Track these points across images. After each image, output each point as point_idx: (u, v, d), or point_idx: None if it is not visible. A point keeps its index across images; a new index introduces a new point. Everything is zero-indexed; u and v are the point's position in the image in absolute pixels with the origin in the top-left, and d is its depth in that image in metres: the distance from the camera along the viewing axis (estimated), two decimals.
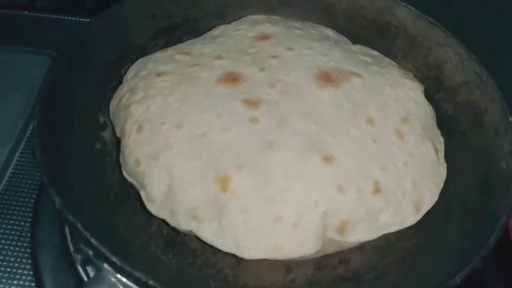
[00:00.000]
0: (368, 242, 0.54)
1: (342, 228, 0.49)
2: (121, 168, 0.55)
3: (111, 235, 0.51)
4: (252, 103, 0.53)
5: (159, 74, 0.58)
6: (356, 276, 0.53)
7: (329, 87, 0.55)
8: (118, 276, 0.44)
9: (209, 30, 0.69)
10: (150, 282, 0.43)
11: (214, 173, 0.49)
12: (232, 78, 0.55)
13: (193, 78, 0.56)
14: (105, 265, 0.45)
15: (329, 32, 0.66)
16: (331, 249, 0.52)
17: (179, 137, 0.52)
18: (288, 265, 0.53)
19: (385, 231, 0.50)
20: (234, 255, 0.53)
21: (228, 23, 0.69)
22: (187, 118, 0.53)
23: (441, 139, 0.56)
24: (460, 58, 0.64)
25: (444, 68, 0.65)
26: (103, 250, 0.44)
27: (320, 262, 0.54)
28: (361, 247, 0.55)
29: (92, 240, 0.45)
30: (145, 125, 0.54)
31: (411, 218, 0.50)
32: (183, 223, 0.50)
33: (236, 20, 0.69)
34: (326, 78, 0.55)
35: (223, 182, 0.49)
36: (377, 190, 0.50)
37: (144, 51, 0.66)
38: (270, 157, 0.50)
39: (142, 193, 0.52)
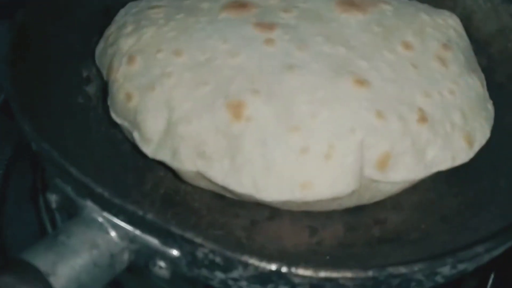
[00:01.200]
0: (407, 200, 0.47)
1: (383, 163, 0.40)
2: (109, 111, 0.46)
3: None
4: (265, 26, 0.44)
5: (152, 7, 0.49)
6: (395, 237, 0.44)
7: (355, 11, 0.47)
8: (105, 214, 0.34)
9: None
10: (148, 216, 0.32)
11: (224, 100, 0.40)
12: (239, 4, 0.47)
13: (193, 9, 0.48)
14: (88, 202, 0.35)
15: None
16: (367, 196, 0.42)
17: (179, 65, 0.43)
18: (313, 226, 0.45)
19: (435, 169, 0.41)
20: (245, 217, 0.45)
21: None
22: (187, 45, 0.44)
23: (483, 76, 0.48)
24: (493, 4, 0.58)
25: (473, 19, 0.59)
26: (86, 180, 0.34)
27: (350, 223, 0.45)
28: (398, 206, 0.47)
29: (72, 170, 0.35)
30: (136, 56, 0.45)
31: (463, 154, 0.42)
32: (187, 163, 0.40)
33: None
34: (351, 3, 0.47)
35: (236, 109, 0.40)
36: (422, 119, 0.41)
37: None
38: (291, 80, 0.41)
39: (135, 134, 0.43)
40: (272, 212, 0.45)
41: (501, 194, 0.46)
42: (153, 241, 0.33)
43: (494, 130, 0.49)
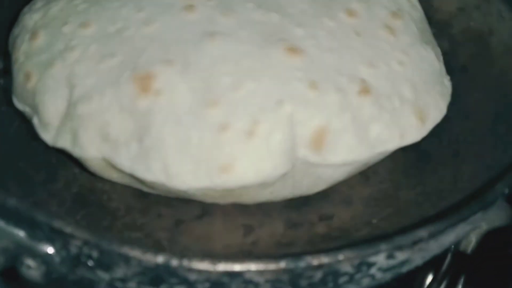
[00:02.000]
0: (357, 194, 0.41)
1: (318, 141, 0.33)
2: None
3: None
4: None
5: None
6: (342, 234, 0.39)
7: None
8: None
9: None
10: (10, 201, 0.26)
11: (131, 72, 0.34)
12: None
13: None
14: None
15: None
16: (305, 183, 0.36)
17: (85, 37, 0.37)
18: (248, 224, 0.39)
19: (380, 148, 0.35)
20: (170, 216, 0.39)
21: None
22: (97, 16, 0.38)
23: (439, 50, 0.43)
24: None
25: (432, 1, 0.54)
26: None
27: (292, 220, 0.40)
28: (347, 199, 0.41)
29: None
30: (40, 31, 0.39)
31: (414, 131, 0.36)
32: (89, 149, 0.34)
33: None
34: None
35: (144, 81, 0.34)
36: (365, 90, 0.35)
37: None
38: (212, 49, 0.35)
39: (35, 120, 0.37)
40: (202, 210, 0.40)
41: (463, 182, 0.40)
42: (19, 233, 0.27)
43: (457, 115, 0.45)
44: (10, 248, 0.27)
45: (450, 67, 0.49)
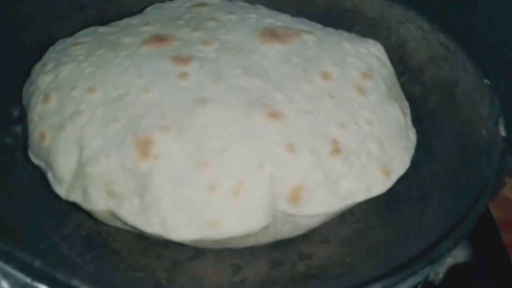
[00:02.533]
0: (334, 234, 0.46)
1: (295, 197, 0.39)
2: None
3: (5, 234, 0.40)
4: (181, 60, 0.44)
5: (76, 44, 0.49)
6: (320, 272, 0.44)
7: (276, 42, 0.46)
8: None
9: None
10: (35, 263, 0.31)
11: (132, 137, 0.39)
12: (159, 38, 0.47)
13: (115, 44, 0.47)
14: None
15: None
16: (286, 230, 0.41)
17: (91, 102, 0.42)
18: (236, 264, 0.44)
19: (350, 201, 0.40)
20: (168, 257, 0.44)
21: None
22: (102, 81, 0.43)
23: (407, 104, 0.48)
24: (423, 32, 0.59)
25: (406, 48, 0.60)
26: None
27: (276, 259, 0.45)
28: (325, 239, 0.46)
29: None
30: (51, 94, 0.44)
31: (379, 184, 0.41)
32: (98, 203, 0.39)
33: None
34: (272, 34, 0.47)
35: (144, 146, 0.39)
36: (336, 150, 0.40)
37: None
38: (203, 114, 0.40)
39: (49, 175, 0.42)
40: (196, 251, 0.44)
41: (427, 224, 0.45)
42: None
43: (425, 159, 0.50)
44: None
45: (421, 112, 0.54)
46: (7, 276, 0.32)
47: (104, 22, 0.58)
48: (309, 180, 0.39)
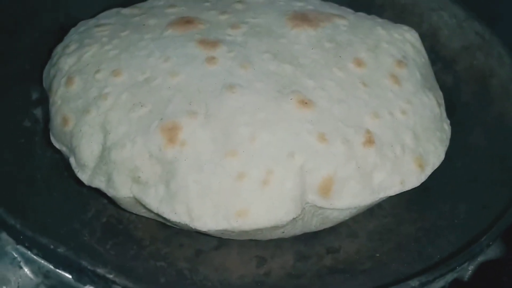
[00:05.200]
0: (363, 228, 0.45)
1: (326, 189, 0.37)
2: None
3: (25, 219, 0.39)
4: (209, 43, 0.42)
5: (99, 25, 0.47)
6: (348, 267, 0.43)
7: (307, 26, 0.44)
8: (19, 247, 0.32)
9: None
10: (60, 250, 0.30)
11: (159, 122, 0.38)
12: (186, 21, 0.45)
13: (139, 26, 0.46)
14: (3, 234, 0.32)
15: None
16: (314, 223, 0.40)
17: (116, 85, 0.41)
18: (261, 256, 0.43)
19: (383, 194, 0.39)
20: (190, 246, 0.43)
21: None
22: (127, 64, 0.42)
23: (441, 94, 0.46)
24: (457, 20, 0.56)
25: (439, 36, 0.58)
26: None
27: (302, 252, 0.44)
28: (353, 233, 0.45)
29: None
30: (75, 77, 0.43)
31: (414, 178, 0.39)
32: (122, 190, 0.38)
33: None
34: (303, 18, 0.45)
35: (171, 132, 0.37)
36: (369, 141, 0.38)
37: None
38: (231, 101, 0.39)
39: (71, 160, 0.41)
40: (219, 241, 0.43)
41: (459, 219, 0.44)
42: (67, 277, 0.31)
43: (458, 151, 0.48)
44: (58, 287, 0.31)
45: (453, 103, 0.52)
46: (29, 262, 0.31)
47: (125, 2, 0.57)
48: (340, 171, 0.37)
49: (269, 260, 0.42)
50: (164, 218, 0.38)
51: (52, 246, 0.30)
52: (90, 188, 0.42)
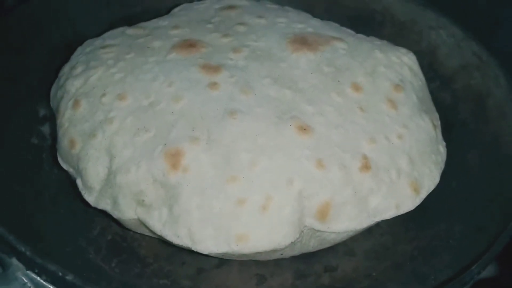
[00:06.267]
0: (360, 246, 0.46)
1: (323, 213, 0.38)
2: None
3: (32, 238, 0.40)
4: (211, 68, 0.44)
5: (104, 47, 0.49)
6: (345, 285, 0.44)
7: (307, 50, 0.46)
8: (29, 273, 0.33)
9: None
10: (68, 277, 0.32)
11: (163, 148, 0.39)
12: (189, 44, 0.46)
13: (144, 48, 0.47)
14: (14, 259, 0.34)
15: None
16: (312, 244, 0.41)
17: (122, 110, 0.42)
18: (261, 274, 0.45)
19: (378, 218, 0.40)
20: (192, 265, 0.45)
21: None
22: (132, 88, 0.43)
23: (437, 115, 0.47)
24: (456, 39, 0.57)
25: (438, 54, 0.59)
26: (8, 238, 0.33)
27: (301, 271, 0.45)
28: (350, 252, 0.46)
29: None
30: (81, 100, 0.44)
31: (409, 201, 0.40)
32: (127, 212, 0.39)
33: None
34: (303, 41, 0.46)
35: (174, 158, 0.39)
36: (366, 167, 0.40)
37: None
38: (232, 126, 0.40)
39: (78, 182, 0.42)
40: (220, 259, 0.45)
41: (455, 240, 0.45)
42: None
43: (454, 170, 0.49)
44: None
45: (451, 121, 0.53)
46: (39, 287, 0.33)
47: (130, 19, 0.58)
48: (337, 196, 0.39)
49: (268, 279, 0.44)
50: (168, 241, 0.40)
51: (60, 274, 0.32)
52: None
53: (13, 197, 0.45)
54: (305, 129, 0.40)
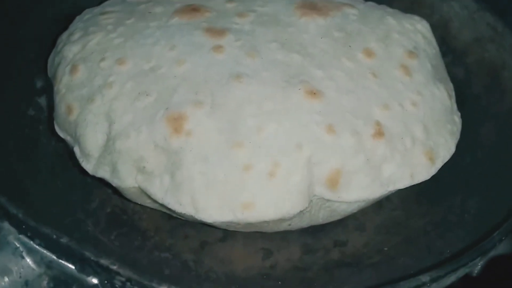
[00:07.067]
0: (371, 221, 0.44)
1: (334, 181, 0.36)
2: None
3: (29, 210, 0.38)
4: (216, 32, 0.42)
5: (104, 13, 0.47)
6: (356, 260, 0.42)
7: (316, 15, 0.44)
8: (22, 237, 0.31)
9: None
10: (63, 240, 0.30)
11: (164, 112, 0.37)
12: (192, 8, 0.44)
13: (145, 13, 0.45)
14: (6, 223, 0.32)
15: None
16: (321, 216, 0.39)
17: (121, 74, 0.40)
18: (267, 248, 0.43)
19: (392, 187, 0.38)
20: (195, 238, 0.43)
21: None
22: (132, 52, 0.41)
23: (452, 86, 0.45)
24: (469, 11, 0.55)
25: (450, 28, 0.57)
26: (1, 200, 0.31)
27: (309, 245, 0.43)
28: (361, 226, 0.44)
29: None
30: (79, 65, 0.42)
31: (424, 171, 0.38)
32: (127, 179, 0.37)
33: None
34: (312, 7, 0.44)
35: (177, 122, 0.37)
36: (379, 133, 0.38)
37: None
38: (238, 90, 0.38)
39: (76, 149, 0.40)
40: (225, 232, 0.43)
41: (469, 214, 0.43)
42: (70, 267, 0.30)
43: (468, 144, 0.47)
44: (61, 278, 0.31)
45: (464, 96, 0.51)
46: (31, 252, 0.31)
47: None
48: (349, 164, 0.36)
49: (275, 253, 0.42)
50: (169, 209, 0.38)
51: (55, 236, 0.30)
52: (94, 177, 0.42)
53: (9, 170, 0.43)
54: (314, 93, 0.38)
